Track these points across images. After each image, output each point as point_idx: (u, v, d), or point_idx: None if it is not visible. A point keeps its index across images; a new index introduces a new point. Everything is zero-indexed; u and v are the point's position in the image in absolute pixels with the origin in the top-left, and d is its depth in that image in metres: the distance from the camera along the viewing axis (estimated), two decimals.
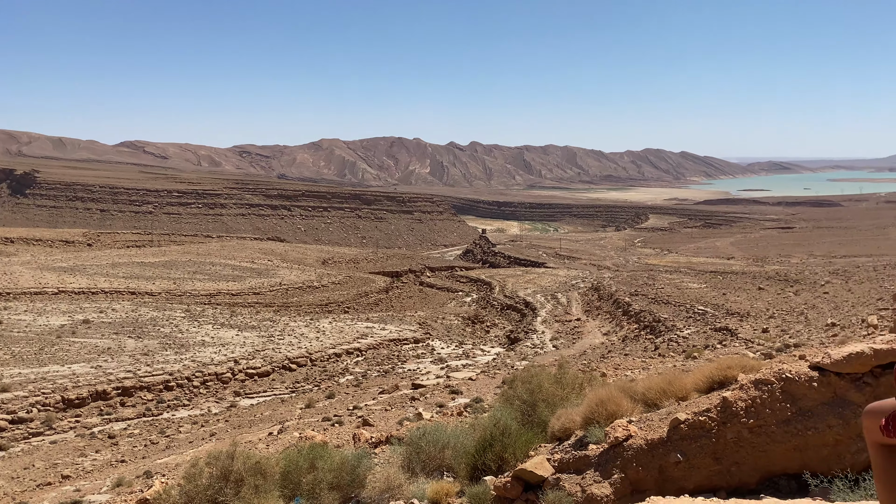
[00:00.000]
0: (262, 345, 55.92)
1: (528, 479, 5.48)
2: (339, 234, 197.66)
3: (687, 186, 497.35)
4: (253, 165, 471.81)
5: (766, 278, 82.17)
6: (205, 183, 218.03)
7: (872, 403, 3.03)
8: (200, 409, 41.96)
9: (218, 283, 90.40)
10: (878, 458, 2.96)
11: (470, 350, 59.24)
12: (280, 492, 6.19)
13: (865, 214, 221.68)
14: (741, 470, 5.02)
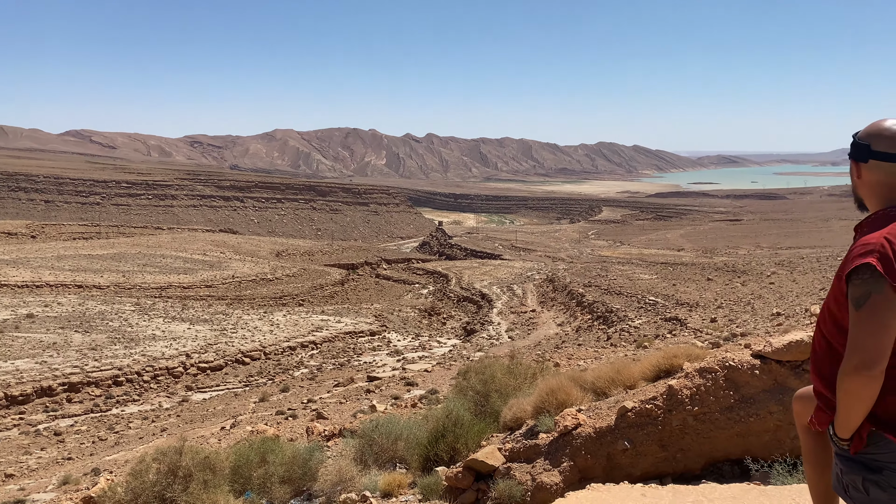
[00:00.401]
0: (215, 338, 55.11)
1: (479, 468, 5.53)
2: (294, 225, 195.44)
3: (639, 179, 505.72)
4: (204, 156, 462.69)
5: (714, 269, 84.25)
6: (155, 173, 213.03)
7: (801, 389, 3.15)
8: (151, 405, 41.21)
9: (169, 275, 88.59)
10: (807, 441, 3.10)
11: (426, 342, 59.37)
12: (230, 486, 6.11)
13: (809, 207, 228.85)
14: (686, 456, 5.15)
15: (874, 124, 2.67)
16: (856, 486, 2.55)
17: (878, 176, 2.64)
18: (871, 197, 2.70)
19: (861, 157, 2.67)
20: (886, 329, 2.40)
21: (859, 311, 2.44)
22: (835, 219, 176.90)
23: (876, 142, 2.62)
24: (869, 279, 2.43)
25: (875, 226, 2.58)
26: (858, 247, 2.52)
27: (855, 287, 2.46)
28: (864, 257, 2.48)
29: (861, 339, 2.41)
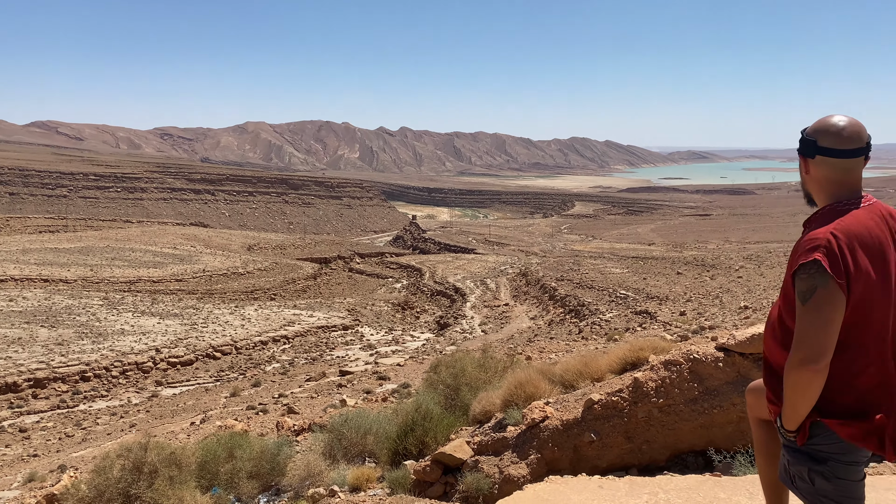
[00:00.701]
0: (185, 333, 54.48)
1: (447, 462, 5.54)
2: (266, 219, 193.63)
3: (611, 174, 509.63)
4: (175, 148, 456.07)
5: (684, 263, 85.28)
6: (124, 166, 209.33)
7: (754, 382, 3.22)
8: (120, 400, 40.67)
9: (138, 269, 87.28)
10: (759, 432, 3.19)
11: (399, 336, 59.29)
12: (197, 482, 6.04)
13: (777, 202, 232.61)
14: (652, 448, 5.22)
15: (821, 121, 2.70)
16: (802, 476, 2.62)
17: (825, 171, 2.68)
18: (819, 192, 2.75)
19: (808, 153, 2.71)
20: (831, 324, 2.45)
21: (805, 305, 2.48)
22: (802, 213, 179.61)
23: (822, 138, 2.65)
24: (815, 274, 2.47)
25: (823, 221, 2.62)
26: (806, 242, 2.57)
27: (801, 282, 2.50)
28: (811, 253, 2.50)
29: (806, 334, 2.45)
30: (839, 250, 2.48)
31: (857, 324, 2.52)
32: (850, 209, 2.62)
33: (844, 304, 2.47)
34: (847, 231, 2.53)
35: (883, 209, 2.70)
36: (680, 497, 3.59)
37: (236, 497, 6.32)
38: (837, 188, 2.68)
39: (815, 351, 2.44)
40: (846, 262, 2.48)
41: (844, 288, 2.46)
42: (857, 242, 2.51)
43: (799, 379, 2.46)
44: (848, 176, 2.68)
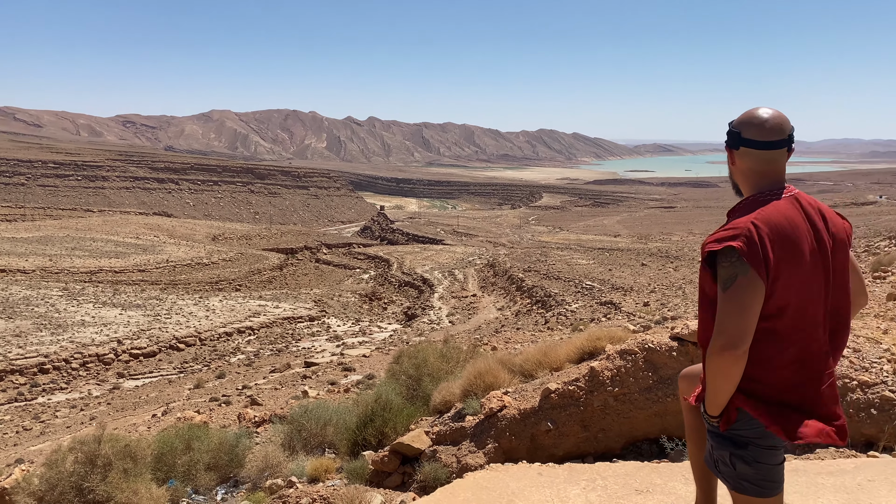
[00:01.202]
0: (148, 324, 53.67)
1: (405, 452, 5.55)
2: (231, 209, 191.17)
3: (578, 166, 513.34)
4: (138, 136, 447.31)
5: (648, 255, 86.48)
6: (84, 154, 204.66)
7: (686, 368, 3.29)
8: (80, 393, 39.98)
9: (99, 259, 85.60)
10: (689, 418, 3.25)
11: (367, 327, 59.17)
12: (153, 475, 5.97)
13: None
14: (607, 436, 5.29)
15: (745, 113, 2.74)
16: (724, 460, 2.68)
17: (749, 163, 2.72)
18: (745, 183, 2.78)
19: (733, 145, 2.75)
20: (749, 310, 2.49)
21: (725, 293, 2.51)
22: None
23: (746, 130, 2.69)
24: (736, 262, 2.51)
25: (745, 211, 2.66)
26: (724, 231, 2.61)
27: (723, 269, 2.54)
28: (731, 241, 2.53)
29: (726, 320, 2.49)
30: (759, 239, 2.52)
31: (778, 313, 2.56)
32: (772, 199, 2.66)
33: (763, 291, 2.51)
34: (767, 220, 2.57)
35: (805, 200, 2.72)
36: (617, 483, 3.66)
37: (194, 489, 6.25)
38: (760, 179, 2.72)
39: (735, 337, 2.47)
40: (765, 251, 2.52)
41: (764, 276, 2.50)
42: (776, 232, 2.56)
43: (719, 364, 2.51)
44: (771, 167, 2.70)
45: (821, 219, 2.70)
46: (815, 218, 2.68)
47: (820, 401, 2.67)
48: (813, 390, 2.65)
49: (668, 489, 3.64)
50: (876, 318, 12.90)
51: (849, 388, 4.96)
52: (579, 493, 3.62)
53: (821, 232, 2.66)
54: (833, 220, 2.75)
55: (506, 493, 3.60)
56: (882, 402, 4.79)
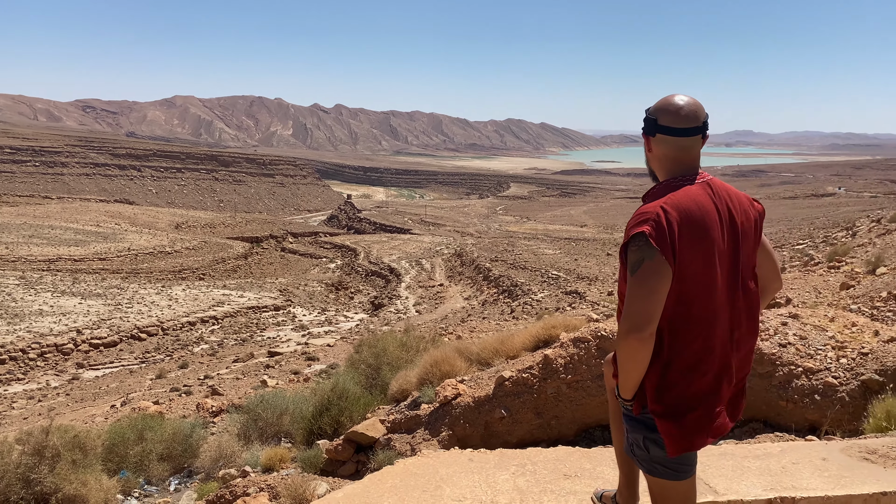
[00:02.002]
0: (109, 313, 52.71)
1: (359, 440, 5.55)
2: (195, 196, 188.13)
3: (546, 157, 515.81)
4: (98, 122, 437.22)
5: (614, 245, 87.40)
6: (43, 139, 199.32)
7: (610, 354, 3.32)
8: (38, 383, 39.15)
9: (58, 247, 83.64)
10: (612, 403, 3.26)
11: (333, 316, 58.88)
12: (104, 466, 5.87)
13: None
14: (560, 423, 5.35)
15: (661, 100, 2.75)
16: (638, 444, 2.70)
17: (664, 149, 2.73)
18: (660, 170, 2.80)
19: (650, 132, 2.76)
20: (655, 294, 2.49)
21: (633, 277, 2.53)
22: None
23: (662, 116, 2.70)
24: (643, 246, 2.51)
25: (658, 195, 2.68)
26: (637, 216, 2.62)
27: (632, 254, 2.55)
28: (640, 226, 2.54)
29: (633, 304, 2.50)
30: (667, 224, 2.52)
31: (686, 297, 2.57)
32: (684, 185, 2.67)
33: (670, 276, 2.51)
34: (676, 205, 2.58)
35: (717, 185, 2.72)
36: (546, 468, 3.70)
37: (146, 480, 6.17)
38: (675, 165, 2.73)
39: (641, 320, 2.48)
40: (672, 235, 2.51)
41: (671, 260, 2.50)
42: (685, 216, 2.56)
43: (627, 348, 2.51)
44: (685, 154, 2.71)
45: (732, 204, 2.71)
46: (725, 203, 2.69)
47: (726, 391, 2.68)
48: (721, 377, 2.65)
49: (596, 473, 3.72)
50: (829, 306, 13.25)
51: (794, 374, 5.08)
52: (508, 478, 3.66)
53: (731, 216, 2.67)
54: (743, 205, 2.76)
55: (434, 479, 3.61)
56: (825, 388, 4.92)
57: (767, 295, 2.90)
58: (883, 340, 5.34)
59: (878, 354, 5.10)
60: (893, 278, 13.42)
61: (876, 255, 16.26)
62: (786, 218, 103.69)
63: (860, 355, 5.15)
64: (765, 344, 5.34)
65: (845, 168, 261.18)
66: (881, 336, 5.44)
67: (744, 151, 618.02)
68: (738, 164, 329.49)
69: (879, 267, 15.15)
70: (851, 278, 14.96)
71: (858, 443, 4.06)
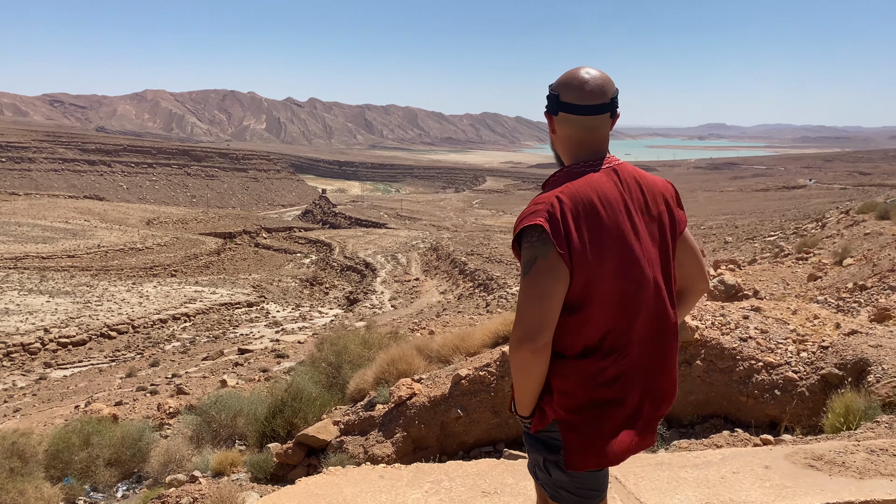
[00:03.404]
0: (78, 312, 51.84)
1: (311, 443, 5.36)
2: (166, 192, 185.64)
3: (522, 150, 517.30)
4: (66, 116, 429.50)
5: None
6: (9, 134, 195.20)
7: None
8: (3, 384, 38.36)
9: (25, 245, 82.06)
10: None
11: (307, 312, 58.44)
12: (47, 473, 5.63)
13: (678, 179, 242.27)
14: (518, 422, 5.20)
15: (564, 74, 2.40)
16: (539, 465, 2.38)
17: (568, 130, 2.39)
18: (564, 153, 2.45)
19: (552, 110, 2.41)
20: (549, 297, 2.17)
21: (525, 277, 2.20)
22: (700, 190, 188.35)
23: (564, 92, 2.36)
24: (536, 242, 2.18)
25: (557, 183, 2.34)
26: (530, 206, 2.28)
27: (525, 251, 2.22)
28: (532, 218, 2.21)
29: (526, 309, 2.17)
30: (562, 216, 2.19)
31: (587, 299, 2.23)
32: (587, 171, 2.32)
33: (567, 275, 2.18)
34: (575, 195, 2.24)
35: (626, 171, 2.38)
36: (464, 484, 3.46)
37: (92, 486, 5.94)
38: (580, 148, 2.38)
39: (534, 327, 2.15)
40: (568, 229, 2.18)
41: (566, 257, 2.17)
42: (584, 207, 2.23)
43: (520, 359, 2.19)
44: (591, 135, 2.37)
45: (644, 192, 2.38)
46: (635, 191, 2.35)
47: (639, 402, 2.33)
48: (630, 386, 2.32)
49: (517, 490, 3.46)
50: (796, 297, 13.32)
51: (754, 369, 5.00)
52: (420, 497, 3.36)
53: (643, 206, 2.34)
54: (658, 194, 2.42)
55: (337, 501, 3.38)
56: (785, 383, 4.84)
57: (691, 297, 2.56)
58: (843, 333, 5.28)
59: (839, 348, 5.04)
60: (859, 269, 13.53)
61: (843, 247, 16.40)
62: (758, 210, 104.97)
63: (820, 349, 5.08)
64: (725, 338, 5.26)
65: (816, 160, 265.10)
66: (842, 329, 5.39)
67: (717, 144, 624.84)
68: (711, 157, 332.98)
69: (846, 258, 15.28)
70: (819, 269, 15.07)
71: (805, 448, 3.89)
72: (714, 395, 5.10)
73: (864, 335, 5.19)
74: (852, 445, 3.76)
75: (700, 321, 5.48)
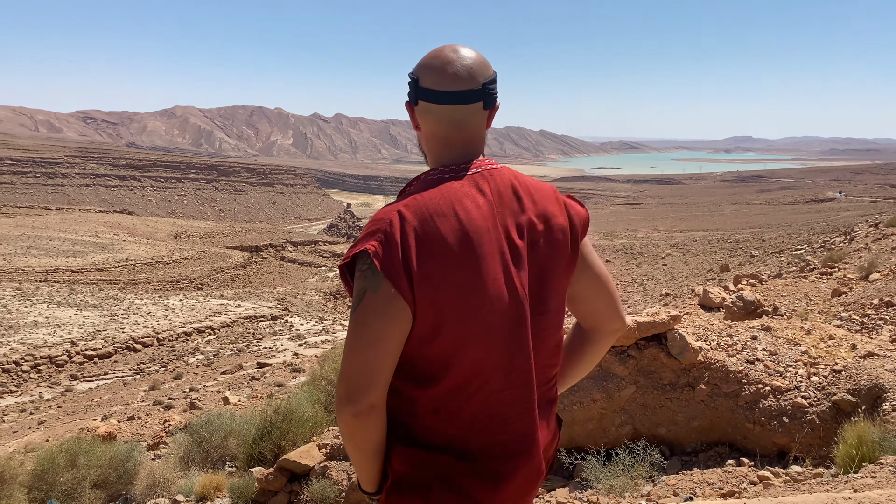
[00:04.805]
0: (104, 324, 52.43)
1: (293, 469, 5.15)
2: (195, 206, 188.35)
3: (545, 164, 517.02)
4: (99, 133, 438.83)
5: (613, 251, 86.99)
6: (43, 150, 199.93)
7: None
8: (30, 396, 38.85)
9: (56, 258, 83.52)
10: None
11: (330, 325, 58.48)
12: (30, 494, 5.52)
13: (704, 192, 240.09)
14: None
15: (428, 53, 1.87)
16: None
17: (431, 124, 1.86)
18: (429, 154, 1.93)
19: (412, 98, 1.88)
20: (379, 343, 1.64)
21: (352, 316, 1.68)
22: (726, 203, 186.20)
23: (424, 75, 1.82)
24: (367, 271, 1.66)
25: (408, 194, 1.83)
26: (368, 224, 1.75)
27: (356, 282, 1.70)
28: (364, 241, 1.70)
29: (349, 359, 1.67)
30: (402, 237, 1.66)
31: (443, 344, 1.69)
32: (447, 179, 1.78)
33: (406, 315, 1.65)
34: (422, 209, 1.70)
35: (503, 179, 1.84)
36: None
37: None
38: (443, 148, 1.86)
39: (356, 384, 1.63)
40: (408, 254, 1.64)
41: (407, 291, 1.63)
42: (433, 226, 1.67)
43: (342, 424, 1.69)
44: (459, 131, 1.84)
45: (525, 206, 1.82)
46: (509, 204, 1.79)
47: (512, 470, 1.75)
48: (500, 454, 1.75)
49: None
50: (819, 314, 12.89)
51: (761, 394, 4.71)
52: None
53: (519, 225, 1.78)
54: (547, 209, 1.86)
55: None
56: (794, 410, 4.54)
57: (601, 339, 2.00)
58: (859, 356, 4.97)
59: (852, 372, 4.73)
60: (886, 284, 13.06)
61: (869, 261, 15.89)
62: (785, 223, 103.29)
63: (833, 372, 4.78)
64: (731, 360, 4.97)
65: (845, 173, 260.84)
66: (858, 350, 5.07)
67: (743, 157, 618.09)
68: (738, 170, 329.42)
69: (872, 273, 14.77)
70: (843, 285, 14.60)
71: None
72: (719, 421, 4.82)
73: (882, 358, 4.88)
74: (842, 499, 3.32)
75: (705, 341, 5.22)
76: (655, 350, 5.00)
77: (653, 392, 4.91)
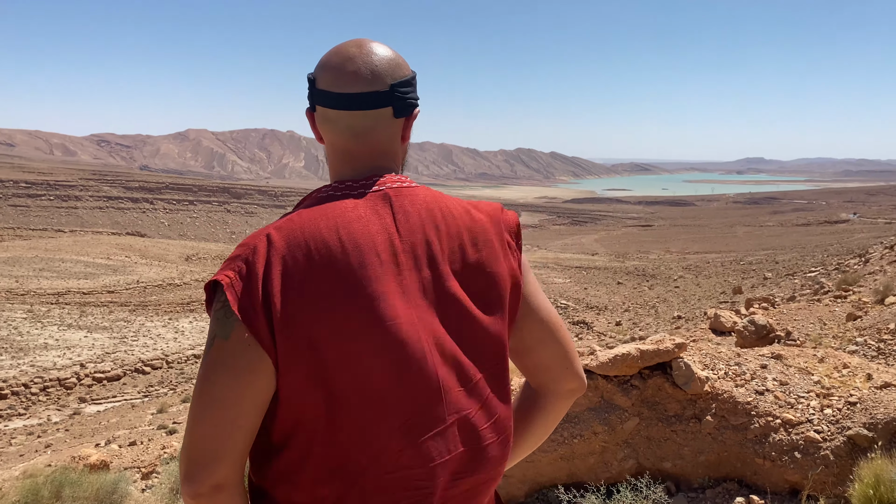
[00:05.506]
0: (114, 347, 52.50)
1: None
2: (207, 228, 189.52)
3: (556, 185, 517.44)
4: (112, 155, 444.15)
5: (625, 273, 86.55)
6: (57, 173, 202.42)
7: None
8: (38, 419, 38.78)
9: (67, 280, 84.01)
10: None
11: None
12: None
13: (716, 213, 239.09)
14: (508, 482, 4.75)
15: (330, 50, 1.51)
16: None
17: (328, 133, 1.49)
18: (330, 169, 1.55)
19: (310, 103, 1.52)
20: (229, 404, 1.25)
21: (201, 367, 1.32)
22: (739, 225, 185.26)
23: (321, 76, 1.46)
24: (220, 311, 1.29)
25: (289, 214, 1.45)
26: (236, 249, 1.35)
27: (210, 322, 1.32)
28: (223, 270, 1.32)
29: (190, 426, 1.28)
30: (265, 269, 1.27)
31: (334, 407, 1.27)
32: (341, 197, 1.39)
33: (266, 368, 1.26)
34: (296, 235, 1.31)
35: (416, 201, 1.43)
36: None
37: None
38: (343, 162, 1.48)
39: (195, 459, 1.25)
40: (270, 290, 1.25)
41: (266, 337, 1.25)
42: (307, 255, 1.28)
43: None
44: (359, 143, 1.47)
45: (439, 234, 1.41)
46: (416, 231, 1.38)
47: None
48: None
49: None
50: (833, 338, 12.57)
51: (771, 427, 4.47)
52: None
53: (428, 257, 1.37)
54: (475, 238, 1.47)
55: None
56: (806, 444, 4.30)
57: (554, 402, 1.57)
58: (875, 386, 4.73)
59: (868, 404, 4.49)
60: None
61: (885, 284, 15.55)
62: (799, 245, 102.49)
63: (847, 405, 4.54)
64: (739, 391, 4.74)
65: (859, 194, 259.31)
66: (874, 380, 4.83)
67: (756, 178, 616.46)
68: (751, 192, 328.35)
69: (888, 296, 14.43)
70: (858, 308, 14.26)
71: None
72: (727, 456, 4.59)
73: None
74: None
75: (713, 370, 4.99)
76: (660, 380, 4.79)
77: (657, 424, 4.69)
